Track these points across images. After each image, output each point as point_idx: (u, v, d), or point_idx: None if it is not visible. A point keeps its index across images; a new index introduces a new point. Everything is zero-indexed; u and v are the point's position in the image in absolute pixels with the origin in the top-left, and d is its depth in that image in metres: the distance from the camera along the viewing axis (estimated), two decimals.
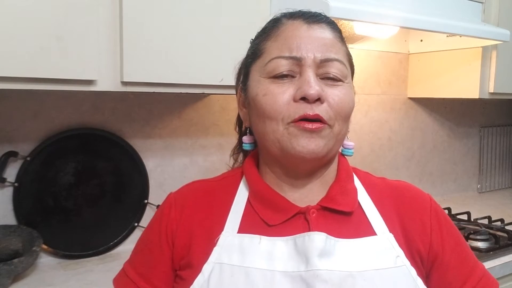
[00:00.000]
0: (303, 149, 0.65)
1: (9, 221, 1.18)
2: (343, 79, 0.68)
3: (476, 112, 2.23)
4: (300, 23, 0.69)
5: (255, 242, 0.66)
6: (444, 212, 0.76)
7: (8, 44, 0.86)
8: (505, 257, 1.32)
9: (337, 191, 0.70)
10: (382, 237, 0.68)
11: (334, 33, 0.70)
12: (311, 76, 0.65)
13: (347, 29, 1.44)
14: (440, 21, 1.36)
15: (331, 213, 0.69)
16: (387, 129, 1.91)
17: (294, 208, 0.69)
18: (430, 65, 1.86)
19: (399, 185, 0.76)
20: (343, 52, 0.70)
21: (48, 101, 1.22)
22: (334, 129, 0.67)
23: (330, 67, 0.67)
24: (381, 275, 0.64)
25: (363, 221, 0.70)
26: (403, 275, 0.65)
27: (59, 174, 1.24)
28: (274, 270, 0.63)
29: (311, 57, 0.66)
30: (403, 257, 0.67)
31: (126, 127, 1.34)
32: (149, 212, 1.38)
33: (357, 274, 0.63)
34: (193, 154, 1.45)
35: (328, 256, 0.64)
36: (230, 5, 1.11)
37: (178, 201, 0.75)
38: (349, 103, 0.68)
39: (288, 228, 0.67)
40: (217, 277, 0.64)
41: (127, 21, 0.98)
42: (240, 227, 0.69)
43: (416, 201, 0.74)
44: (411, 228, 0.70)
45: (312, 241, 0.64)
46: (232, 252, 0.66)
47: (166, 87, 1.06)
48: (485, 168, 2.29)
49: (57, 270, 1.18)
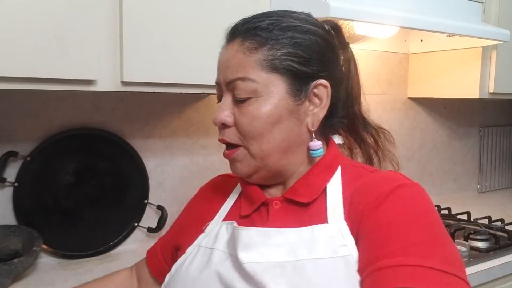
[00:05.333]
0: (233, 172, 0.74)
1: (9, 221, 1.18)
2: (252, 95, 0.67)
3: (476, 112, 2.23)
4: (224, 44, 0.73)
5: (228, 228, 0.73)
6: (410, 198, 0.64)
7: (8, 44, 0.86)
8: (505, 257, 1.32)
9: (302, 183, 0.72)
10: (333, 225, 0.65)
11: (244, 46, 0.68)
12: (223, 102, 0.71)
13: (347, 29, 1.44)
14: (440, 21, 1.36)
15: (293, 205, 0.71)
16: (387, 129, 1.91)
17: (261, 198, 0.73)
18: (430, 65, 1.86)
19: (379, 174, 0.70)
20: (253, 63, 0.67)
21: (48, 101, 1.22)
22: (251, 150, 0.70)
23: (235, 89, 0.69)
24: (314, 265, 0.61)
25: (321, 211, 0.68)
26: (344, 265, 0.61)
27: (59, 174, 1.24)
28: (229, 253, 0.69)
29: (222, 81, 0.71)
30: (351, 246, 0.63)
31: (126, 127, 1.34)
32: (149, 212, 1.38)
33: (289, 263, 0.63)
34: (193, 154, 1.45)
35: (256, 248, 0.66)
36: (230, 5, 1.11)
37: (200, 193, 0.90)
38: (256, 122, 0.67)
39: (256, 217, 0.73)
40: (193, 256, 0.73)
41: (127, 21, 0.98)
42: (226, 216, 0.77)
43: (371, 188, 0.66)
44: (353, 213, 0.65)
45: (239, 235, 0.68)
46: (210, 237, 0.74)
47: (166, 87, 1.06)
48: (485, 168, 2.29)
49: (57, 270, 1.18)
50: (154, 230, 1.37)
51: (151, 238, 1.39)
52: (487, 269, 1.25)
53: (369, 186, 0.67)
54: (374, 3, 1.26)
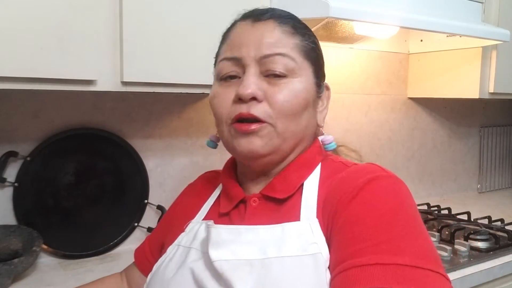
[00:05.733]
0: (243, 149, 0.68)
1: (9, 221, 1.18)
2: (289, 74, 0.68)
3: (476, 112, 2.23)
4: (247, 23, 0.71)
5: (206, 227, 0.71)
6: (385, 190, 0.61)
7: (8, 44, 0.86)
8: (505, 257, 1.32)
9: (279, 179, 0.71)
10: (304, 222, 0.64)
11: (282, 28, 0.69)
12: (249, 76, 0.67)
13: (347, 29, 1.44)
14: (440, 21, 1.36)
15: (270, 201, 0.70)
16: (387, 129, 1.91)
17: (239, 196, 0.72)
18: (430, 65, 1.86)
19: (354, 168, 0.68)
20: (293, 45, 0.69)
21: (48, 101, 1.22)
22: (278, 128, 0.67)
23: (271, 63, 0.67)
24: (282, 263, 0.60)
25: (295, 208, 0.67)
26: (313, 263, 0.59)
27: (59, 174, 1.24)
28: (205, 252, 0.66)
29: (251, 55, 0.68)
30: (321, 244, 0.61)
31: (126, 127, 1.34)
32: (149, 212, 1.38)
33: (257, 261, 0.61)
34: (193, 154, 1.45)
35: (226, 246, 0.64)
36: (230, 4, 1.10)
37: (187, 188, 0.89)
38: (294, 100, 0.67)
39: (234, 215, 0.72)
40: (172, 255, 0.72)
41: (127, 21, 0.98)
42: (206, 215, 0.76)
43: (345, 182, 0.65)
44: (326, 210, 0.64)
45: (210, 233, 0.67)
46: (190, 236, 0.73)
47: (166, 87, 1.06)
48: (485, 168, 2.29)
49: (57, 270, 1.18)
50: None
51: None
52: (487, 269, 1.24)
53: (344, 180, 0.65)
54: (374, 3, 1.26)
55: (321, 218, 0.64)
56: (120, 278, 0.92)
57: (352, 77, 1.78)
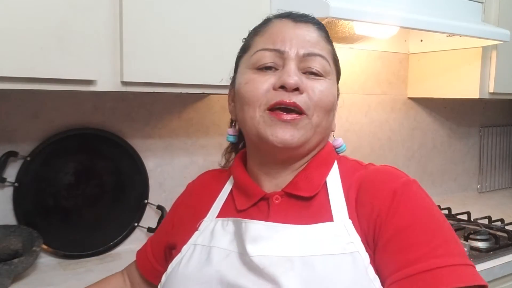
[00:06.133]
0: (277, 138, 0.67)
1: (9, 221, 1.18)
2: (325, 74, 0.71)
3: (476, 112, 2.23)
4: (288, 21, 0.73)
5: (224, 225, 0.73)
6: (417, 196, 0.67)
7: (8, 44, 0.86)
8: (505, 257, 1.32)
9: (302, 177, 0.72)
10: (339, 223, 0.66)
11: (320, 32, 0.74)
12: (292, 68, 0.69)
13: (347, 29, 1.44)
14: (440, 21, 1.36)
15: (294, 199, 0.71)
16: (387, 129, 1.91)
17: (260, 193, 0.73)
18: (430, 65, 1.86)
19: (374, 169, 0.72)
20: (328, 50, 0.74)
21: (48, 101, 1.22)
22: (313, 120, 0.70)
23: (312, 62, 0.70)
24: (324, 260, 0.62)
25: (325, 207, 0.69)
26: (352, 261, 0.62)
27: (59, 174, 1.24)
28: (232, 250, 0.68)
29: (294, 51, 0.70)
30: (357, 243, 0.64)
31: (126, 127, 1.34)
32: (149, 212, 1.38)
33: (297, 258, 0.63)
34: (193, 154, 1.45)
35: (265, 242, 0.66)
36: (230, 5, 1.11)
37: (189, 188, 0.89)
38: (329, 97, 0.71)
39: (254, 212, 0.72)
40: (189, 255, 0.72)
41: (127, 21, 0.98)
42: (219, 213, 0.76)
43: (376, 184, 0.68)
44: (362, 212, 0.67)
45: (247, 229, 0.68)
46: (206, 234, 0.73)
47: (166, 87, 1.06)
48: (485, 168, 2.29)
49: (57, 270, 1.18)
50: (154, 230, 1.37)
51: None
52: (487, 269, 1.25)
53: (373, 183, 0.68)
54: (374, 3, 1.26)
55: (355, 219, 0.67)
56: (122, 278, 0.92)
57: (352, 77, 1.78)
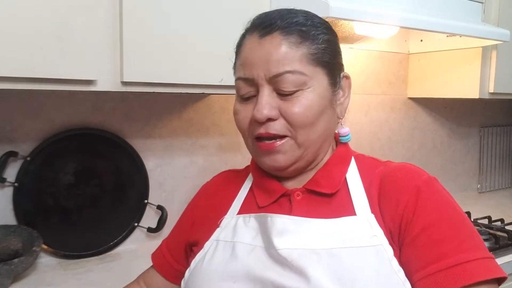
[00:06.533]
0: (267, 166, 0.73)
1: (9, 221, 1.18)
2: (298, 88, 0.69)
3: (476, 112, 2.23)
4: (254, 38, 0.71)
5: (246, 221, 0.74)
6: (440, 192, 0.69)
7: (8, 44, 0.86)
8: (505, 257, 1.32)
9: (322, 174, 0.74)
10: (362, 217, 0.68)
11: (288, 40, 0.69)
12: (263, 97, 0.69)
13: (347, 29, 1.44)
14: (440, 21, 1.36)
15: (315, 195, 0.73)
16: (387, 129, 1.91)
17: (281, 190, 0.75)
18: (430, 65, 1.86)
19: (395, 166, 0.74)
20: (300, 56, 0.69)
21: (48, 101, 1.22)
22: (298, 139, 0.70)
23: (281, 82, 0.68)
24: (349, 252, 0.64)
25: (346, 202, 0.71)
26: (376, 253, 0.64)
27: (59, 174, 1.24)
28: (256, 245, 0.70)
29: (262, 75, 0.69)
30: (381, 236, 0.66)
31: (126, 127, 1.34)
32: (149, 212, 1.38)
33: (323, 251, 0.65)
34: (193, 154, 1.45)
35: (290, 235, 0.68)
36: (230, 5, 1.11)
37: (205, 190, 0.90)
38: (308, 111, 0.69)
39: (275, 208, 0.74)
40: (213, 251, 0.74)
41: (127, 21, 0.98)
42: (240, 209, 0.78)
43: (399, 181, 0.70)
44: (385, 208, 0.69)
45: (273, 223, 0.70)
46: (228, 230, 0.75)
47: (166, 87, 1.06)
48: (485, 168, 2.29)
49: (57, 270, 1.18)
50: (154, 230, 1.37)
51: (151, 238, 1.39)
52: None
53: (395, 180, 0.70)
54: (374, 3, 1.26)
55: (378, 214, 0.69)
56: (138, 286, 0.90)
57: (352, 77, 1.74)
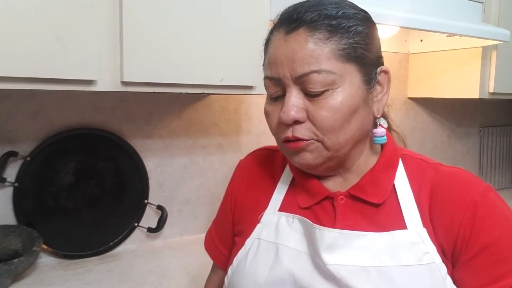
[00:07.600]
0: (297, 163, 0.69)
1: (9, 221, 1.18)
2: (326, 88, 0.64)
3: (476, 112, 2.23)
4: (280, 35, 0.67)
5: (289, 221, 0.72)
6: (498, 206, 0.66)
7: (8, 44, 0.86)
8: None
9: (368, 180, 0.69)
10: (413, 231, 0.65)
11: (314, 36, 0.64)
12: (290, 98, 0.65)
13: None
14: (440, 21, 1.36)
15: (360, 203, 0.69)
16: None
17: (324, 192, 0.71)
18: (430, 65, 1.86)
19: (447, 174, 0.69)
20: (328, 54, 0.64)
21: (48, 101, 1.22)
22: (325, 142, 0.66)
23: (307, 83, 0.64)
24: (400, 272, 0.62)
25: (395, 213, 0.67)
26: (429, 272, 0.62)
27: (59, 174, 1.24)
28: (301, 251, 0.68)
29: (287, 75, 0.65)
30: (433, 253, 0.64)
31: (126, 127, 1.34)
32: (149, 212, 1.38)
33: (373, 268, 0.63)
34: (193, 154, 1.45)
35: (340, 250, 0.65)
36: (230, 5, 1.11)
37: (241, 170, 0.85)
38: (336, 114, 0.64)
39: (318, 212, 0.71)
40: (255, 250, 0.72)
41: (127, 21, 0.98)
42: (281, 206, 0.75)
43: (453, 193, 0.66)
44: (438, 222, 0.66)
45: (322, 236, 0.66)
46: (270, 229, 0.72)
47: (166, 87, 1.06)
48: (485, 168, 2.29)
49: (57, 270, 1.18)
50: (154, 230, 1.37)
51: (151, 238, 1.39)
52: None
53: (448, 191, 0.66)
54: (374, 3, 1.26)
55: (430, 228, 0.66)
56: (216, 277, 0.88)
57: None
